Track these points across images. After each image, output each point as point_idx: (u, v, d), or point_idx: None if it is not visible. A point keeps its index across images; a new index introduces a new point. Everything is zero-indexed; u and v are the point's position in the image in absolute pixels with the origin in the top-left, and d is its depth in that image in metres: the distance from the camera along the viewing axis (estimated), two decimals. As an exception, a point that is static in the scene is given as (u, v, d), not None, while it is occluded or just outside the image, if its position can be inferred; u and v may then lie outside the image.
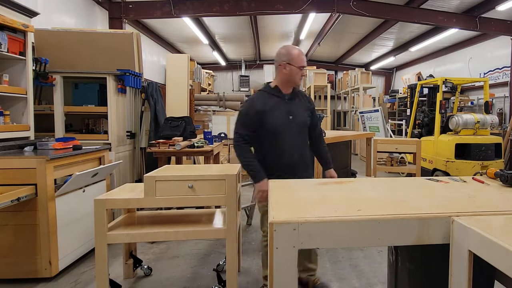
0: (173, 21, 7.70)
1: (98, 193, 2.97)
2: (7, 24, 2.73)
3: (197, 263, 2.89)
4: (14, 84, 2.98)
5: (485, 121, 5.39)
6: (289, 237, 1.09)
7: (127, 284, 2.53)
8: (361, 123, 9.09)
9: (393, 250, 1.63)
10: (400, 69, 13.46)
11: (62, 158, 2.61)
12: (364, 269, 2.77)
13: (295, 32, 9.46)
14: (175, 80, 5.86)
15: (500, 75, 8.06)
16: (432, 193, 1.49)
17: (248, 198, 4.23)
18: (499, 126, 7.09)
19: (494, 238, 0.91)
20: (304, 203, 1.34)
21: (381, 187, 1.64)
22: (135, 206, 2.35)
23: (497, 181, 1.68)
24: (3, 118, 2.87)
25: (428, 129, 6.14)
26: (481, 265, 1.00)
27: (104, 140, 3.57)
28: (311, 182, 1.73)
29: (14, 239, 2.45)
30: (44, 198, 2.44)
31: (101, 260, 2.11)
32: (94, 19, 6.05)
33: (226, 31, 9.24)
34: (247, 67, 13.08)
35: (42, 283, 2.50)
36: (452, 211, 1.17)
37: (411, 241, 1.14)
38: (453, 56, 9.96)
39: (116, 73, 3.63)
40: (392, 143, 4.59)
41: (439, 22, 6.92)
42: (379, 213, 1.16)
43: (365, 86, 10.09)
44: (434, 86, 6.10)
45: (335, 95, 13.11)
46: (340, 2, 6.45)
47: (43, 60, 3.30)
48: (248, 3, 6.30)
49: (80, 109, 3.64)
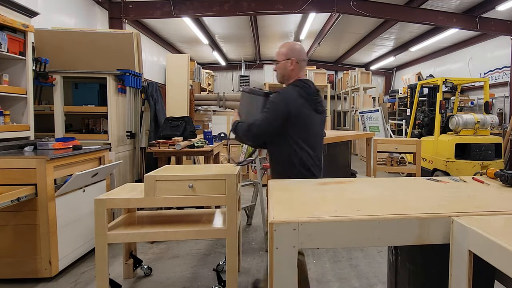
0: (173, 21, 7.70)
1: (98, 193, 2.97)
2: (7, 24, 2.73)
3: (197, 263, 2.89)
4: (14, 84, 2.98)
5: (485, 121, 5.39)
6: (289, 237, 1.09)
7: (127, 284, 2.53)
8: (361, 123, 9.09)
9: (393, 250, 1.63)
10: (400, 69, 13.46)
11: (62, 158, 2.61)
12: (364, 269, 2.77)
13: (295, 32, 9.46)
14: (175, 80, 5.86)
15: (500, 75, 8.06)
16: (432, 193, 1.49)
17: (248, 198, 4.23)
18: (499, 126, 7.09)
19: (494, 238, 0.91)
20: (304, 203, 1.34)
21: (381, 187, 1.64)
22: (135, 206, 2.35)
23: (497, 181, 1.68)
24: (3, 118, 2.87)
25: (428, 129, 6.15)
26: (481, 265, 1.00)
27: (104, 140, 3.57)
28: (311, 182, 1.73)
29: (14, 239, 2.45)
30: (44, 198, 2.44)
31: (101, 260, 2.11)
32: (94, 19, 6.05)
33: (226, 31, 9.24)
34: (247, 67, 13.08)
35: (42, 283, 2.50)
36: (452, 211, 1.17)
37: (411, 241, 1.13)
38: (453, 56, 9.96)
39: (116, 73, 3.63)
40: (392, 143, 4.59)
41: (439, 22, 6.92)
42: (379, 213, 1.16)
43: (365, 86, 10.09)
44: (434, 86, 6.10)
45: (335, 95, 13.11)
46: (340, 2, 6.45)
47: (43, 60, 3.29)
48: (248, 3, 6.31)
49: (80, 109, 3.64)
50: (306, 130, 1.92)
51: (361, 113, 9.08)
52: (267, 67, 9.86)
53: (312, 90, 1.96)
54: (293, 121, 1.87)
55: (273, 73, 2.16)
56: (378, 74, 13.90)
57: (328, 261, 2.92)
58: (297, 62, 1.98)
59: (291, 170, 1.89)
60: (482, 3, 6.59)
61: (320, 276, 2.65)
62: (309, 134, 1.93)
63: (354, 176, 4.80)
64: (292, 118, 1.86)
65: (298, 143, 1.90)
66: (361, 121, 9.08)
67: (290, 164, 1.90)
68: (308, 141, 1.92)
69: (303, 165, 1.90)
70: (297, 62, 1.98)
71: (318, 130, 2.01)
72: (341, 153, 4.21)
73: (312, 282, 2.55)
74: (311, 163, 1.93)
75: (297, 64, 1.98)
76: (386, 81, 14.17)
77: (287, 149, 1.91)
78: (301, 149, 1.90)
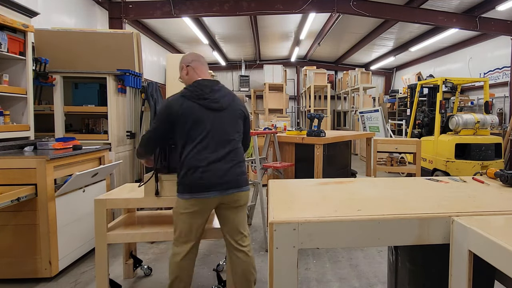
0: (173, 21, 7.70)
1: (98, 193, 2.97)
2: (7, 24, 2.73)
3: (197, 263, 2.87)
4: (14, 84, 2.98)
5: (485, 121, 5.39)
6: (289, 237, 1.09)
7: (127, 284, 2.53)
8: (361, 123, 9.09)
9: (393, 250, 1.64)
10: (400, 69, 13.46)
11: (62, 158, 2.61)
12: (364, 269, 2.77)
13: (295, 32, 9.47)
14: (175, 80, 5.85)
15: (500, 75, 8.06)
16: (432, 193, 1.49)
17: (248, 198, 4.23)
18: (499, 126, 7.09)
19: (494, 238, 0.91)
20: (304, 203, 1.34)
21: (381, 187, 1.64)
22: (135, 206, 2.35)
23: (497, 181, 1.68)
24: (3, 118, 2.86)
25: (428, 129, 6.15)
26: (481, 265, 1.00)
27: (104, 140, 3.57)
28: (311, 182, 1.73)
29: (14, 239, 2.46)
30: (44, 198, 2.44)
31: (101, 260, 2.11)
32: (94, 19, 6.05)
33: (226, 31, 9.24)
34: (247, 67, 13.09)
35: (42, 283, 2.50)
36: (452, 211, 1.17)
37: (411, 241, 1.14)
38: (453, 56, 9.96)
39: (116, 73, 3.63)
40: (392, 143, 4.59)
41: (439, 22, 6.92)
42: (379, 213, 1.16)
43: (365, 86, 10.09)
44: (434, 86, 6.10)
45: (335, 95, 13.11)
46: (340, 2, 6.45)
47: (43, 60, 3.29)
48: (248, 3, 6.31)
49: (80, 109, 3.64)
50: (195, 129, 1.89)
51: (361, 113, 9.08)
52: (267, 67, 9.86)
53: (199, 88, 1.95)
54: (179, 122, 1.89)
55: (274, 73, 2.18)
56: (378, 74, 13.90)
57: (328, 261, 2.92)
58: (187, 65, 2.06)
59: (180, 169, 1.91)
60: (482, 3, 6.59)
61: (320, 276, 2.66)
62: (199, 133, 1.90)
63: (354, 176, 4.80)
64: (175, 117, 1.89)
65: (185, 144, 1.90)
66: (361, 121, 9.08)
67: (180, 164, 1.92)
68: (196, 140, 1.89)
69: (188, 164, 1.87)
70: (187, 65, 2.06)
71: (214, 127, 1.93)
72: (341, 153, 4.21)
73: (312, 282, 2.55)
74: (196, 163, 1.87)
75: (188, 67, 2.06)
76: (386, 81, 14.17)
77: (177, 150, 1.97)
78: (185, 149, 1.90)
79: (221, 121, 1.96)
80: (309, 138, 3.41)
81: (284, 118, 8.73)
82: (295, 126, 12.84)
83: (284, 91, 10.09)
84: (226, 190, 1.90)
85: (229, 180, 1.91)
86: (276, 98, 10.01)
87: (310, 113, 3.91)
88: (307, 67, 11.25)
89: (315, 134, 3.44)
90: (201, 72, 2.07)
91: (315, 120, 3.72)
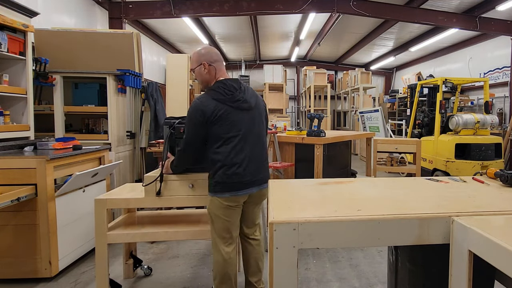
0: (173, 21, 7.70)
1: (98, 193, 2.97)
2: (7, 24, 2.73)
3: (197, 263, 2.89)
4: (14, 84, 2.98)
5: (485, 121, 5.39)
6: (289, 237, 1.09)
7: (127, 284, 2.53)
8: (361, 123, 9.09)
9: (393, 250, 1.63)
10: (400, 69, 13.46)
11: (62, 158, 2.61)
12: (364, 269, 2.77)
13: (295, 32, 9.47)
14: (175, 80, 5.85)
15: (500, 75, 8.06)
16: (432, 193, 1.49)
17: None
18: (499, 126, 7.09)
19: (494, 238, 0.91)
20: (304, 203, 1.34)
21: (381, 187, 1.64)
22: (135, 206, 2.35)
23: (497, 181, 1.68)
24: (3, 118, 2.86)
25: (428, 129, 6.15)
26: (481, 265, 1.00)
27: (104, 140, 3.57)
28: (311, 182, 1.73)
29: (14, 239, 2.46)
30: (44, 198, 2.44)
31: (101, 260, 2.11)
32: (94, 19, 6.05)
33: (226, 31, 9.24)
34: (247, 67, 13.09)
35: (42, 283, 2.50)
36: (452, 211, 1.17)
37: (411, 241, 1.14)
38: (453, 56, 9.96)
39: (116, 73, 3.63)
40: (392, 143, 4.59)
41: (439, 22, 6.92)
42: (379, 213, 1.16)
43: (365, 86, 10.09)
44: (434, 86, 6.10)
45: (335, 95, 13.11)
46: (340, 2, 6.45)
47: (43, 60, 3.29)
48: (248, 3, 6.31)
49: (80, 109, 3.64)
50: (231, 131, 1.91)
51: (361, 113, 9.08)
52: (267, 67, 9.87)
53: (228, 90, 1.94)
54: (214, 126, 1.89)
55: (273, 73, 2.19)
56: (378, 74, 13.90)
57: (328, 261, 2.92)
58: (209, 64, 1.99)
59: (217, 170, 1.91)
60: (482, 3, 6.59)
61: (320, 276, 2.66)
62: (236, 134, 1.91)
63: (354, 176, 4.80)
64: (210, 122, 1.88)
65: (221, 145, 1.91)
66: (361, 121, 9.07)
67: (216, 164, 1.92)
68: (233, 141, 1.91)
69: (228, 164, 1.89)
70: (209, 64, 1.99)
71: (248, 127, 1.97)
72: (341, 153, 4.21)
73: (312, 282, 2.55)
74: (236, 161, 1.90)
75: (210, 66, 1.99)
76: (386, 81, 14.18)
77: (210, 151, 1.96)
78: (221, 150, 1.91)
79: (252, 121, 2.02)
80: (309, 138, 3.41)
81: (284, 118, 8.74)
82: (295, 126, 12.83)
83: (284, 91, 10.10)
84: (259, 186, 2.01)
85: (262, 177, 2.03)
86: (276, 98, 10.02)
87: (310, 113, 3.91)
88: (307, 67, 11.25)
89: (315, 134, 3.44)
90: (223, 72, 2.06)
91: (315, 120, 3.72)
